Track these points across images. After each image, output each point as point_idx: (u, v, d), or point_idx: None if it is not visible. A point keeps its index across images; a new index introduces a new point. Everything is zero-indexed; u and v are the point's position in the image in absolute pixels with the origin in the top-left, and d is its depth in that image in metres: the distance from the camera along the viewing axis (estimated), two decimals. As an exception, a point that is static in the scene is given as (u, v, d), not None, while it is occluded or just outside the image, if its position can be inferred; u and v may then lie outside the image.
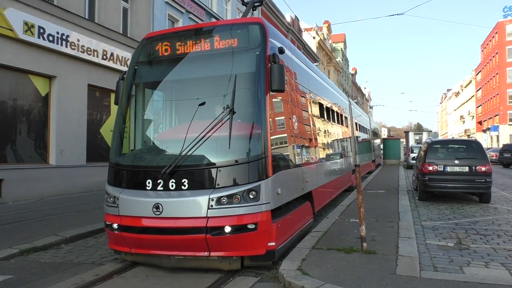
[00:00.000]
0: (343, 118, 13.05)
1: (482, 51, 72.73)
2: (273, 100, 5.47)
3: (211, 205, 4.71)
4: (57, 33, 12.17)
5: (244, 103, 5.25)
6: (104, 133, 14.56)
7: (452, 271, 4.90)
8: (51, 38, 11.96)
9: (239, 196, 4.76)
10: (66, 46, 12.49)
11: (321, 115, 9.16)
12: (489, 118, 65.25)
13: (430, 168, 10.71)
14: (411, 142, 33.19)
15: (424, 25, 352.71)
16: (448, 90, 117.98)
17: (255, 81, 5.20)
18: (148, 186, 5.03)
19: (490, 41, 66.70)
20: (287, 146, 6.00)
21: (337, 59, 60.27)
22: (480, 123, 72.10)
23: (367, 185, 15.54)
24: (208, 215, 4.71)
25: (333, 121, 10.89)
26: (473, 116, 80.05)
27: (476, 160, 10.59)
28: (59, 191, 12.23)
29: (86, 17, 13.86)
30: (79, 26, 13.12)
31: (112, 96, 14.45)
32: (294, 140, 6.32)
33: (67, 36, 12.52)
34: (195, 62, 5.63)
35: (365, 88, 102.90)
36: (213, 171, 4.89)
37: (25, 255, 5.96)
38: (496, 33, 61.72)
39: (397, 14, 20.98)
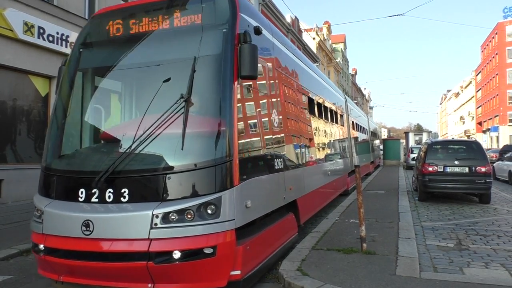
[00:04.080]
0: (338, 116, 12.08)
1: (482, 51, 72.76)
2: (244, 89, 4.58)
3: (155, 224, 3.74)
4: (57, 33, 12.17)
5: (204, 92, 4.28)
6: (104, 134, 14.53)
7: (452, 271, 4.90)
8: (51, 38, 11.96)
9: (192, 212, 3.78)
10: (66, 46, 12.48)
11: (311, 111, 8.18)
12: (489, 119, 65.27)
13: (430, 168, 10.72)
14: (411, 143, 33.21)
15: (424, 25, 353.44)
16: (448, 90, 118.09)
17: (219, 65, 4.24)
18: (81, 197, 4.08)
19: (490, 41, 66.73)
20: (263, 146, 5.01)
21: (337, 60, 60.29)
22: (480, 123, 72.10)
23: (367, 185, 15.54)
24: (151, 237, 3.74)
25: (325, 118, 9.90)
26: (473, 117, 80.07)
27: (476, 160, 10.61)
28: (59, 191, 12.20)
29: (86, 17, 13.85)
30: (79, 27, 13.11)
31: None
32: (273, 139, 5.38)
33: (67, 36, 12.52)
34: (150, 43, 4.67)
35: (365, 88, 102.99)
36: (160, 178, 3.92)
37: (24, 256, 5.95)
38: (496, 33, 61.76)
39: (397, 15, 21.02)
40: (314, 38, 45.04)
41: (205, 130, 4.15)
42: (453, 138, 45.45)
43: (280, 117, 5.79)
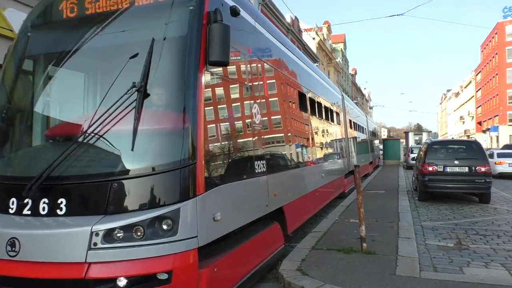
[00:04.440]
0: (334, 114, 11.31)
1: (482, 51, 72.77)
2: (214, 78, 3.90)
3: (94, 243, 3.05)
4: (57, 33, 12.18)
5: (163, 80, 3.56)
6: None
7: (452, 271, 4.91)
8: (51, 38, 11.98)
9: (142, 228, 3.11)
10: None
11: (302, 108, 7.36)
12: (488, 119, 65.29)
13: (430, 168, 10.73)
14: (411, 143, 33.22)
15: (424, 25, 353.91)
16: (448, 90, 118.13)
17: (183, 48, 3.55)
18: (12, 208, 3.39)
19: (490, 41, 66.74)
20: (239, 147, 4.33)
21: (337, 60, 60.31)
22: (479, 123, 72.12)
23: (367, 185, 15.55)
24: (89, 260, 3.05)
25: (319, 115, 9.05)
26: (473, 117, 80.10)
27: (475, 160, 10.62)
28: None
29: (86, 17, 13.86)
30: (79, 27, 13.11)
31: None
32: (253, 138, 4.65)
33: (67, 36, 12.51)
34: (107, 25, 3.89)
35: (365, 88, 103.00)
36: (104, 186, 3.23)
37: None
38: (496, 33, 61.78)
39: (397, 15, 20.99)
40: (314, 38, 45.03)
41: (161, 126, 3.45)
42: (453, 138, 45.52)
43: (263, 112, 5.10)
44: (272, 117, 5.52)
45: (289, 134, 6.32)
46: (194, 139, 3.36)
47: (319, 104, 9.19)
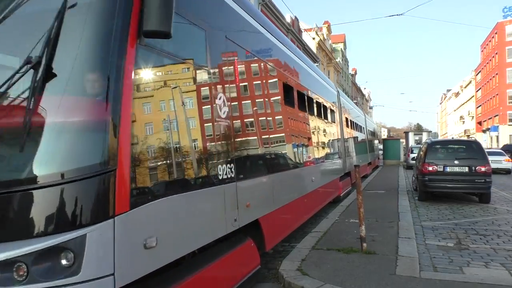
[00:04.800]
0: (327, 111, 10.32)
1: (482, 51, 72.79)
2: (152, 54, 2.89)
3: None
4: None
5: (74, 55, 2.55)
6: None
7: (452, 271, 4.91)
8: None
9: (26, 266, 2.20)
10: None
11: (286, 100, 6.28)
12: (489, 119, 65.31)
13: (430, 168, 10.73)
14: (411, 143, 33.23)
15: (424, 25, 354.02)
16: (448, 90, 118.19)
17: (107, 14, 2.60)
18: None
19: (490, 41, 66.77)
20: (192, 146, 3.31)
21: (337, 60, 60.33)
22: (480, 123, 72.15)
23: (367, 185, 15.54)
24: None
25: (309, 111, 8.03)
26: (473, 117, 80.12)
27: (475, 160, 10.63)
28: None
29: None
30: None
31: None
32: (217, 135, 3.72)
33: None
34: None
35: (365, 88, 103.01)
36: None
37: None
38: (496, 33, 61.80)
39: (397, 15, 20.95)
40: (314, 38, 45.03)
41: (62, 119, 2.45)
42: (453, 138, 45.52)
43: (231, 104, 4.11)
44: (244, 110, 4.55)
45: (268, 131, 5.36)
46: (114, 136, 2.42)
47: (309, 98, 8.14)
